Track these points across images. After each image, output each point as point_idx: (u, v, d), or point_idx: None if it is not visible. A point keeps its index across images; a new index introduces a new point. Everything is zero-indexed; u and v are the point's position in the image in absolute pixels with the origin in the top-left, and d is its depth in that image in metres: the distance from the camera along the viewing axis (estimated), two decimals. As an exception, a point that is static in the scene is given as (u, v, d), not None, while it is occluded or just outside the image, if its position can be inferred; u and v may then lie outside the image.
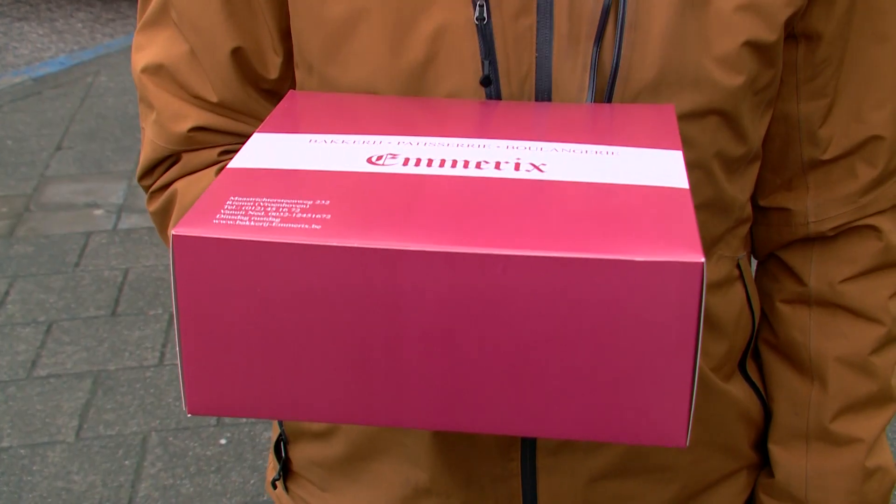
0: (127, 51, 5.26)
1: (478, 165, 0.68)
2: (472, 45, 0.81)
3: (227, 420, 2.61)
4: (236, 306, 0.60)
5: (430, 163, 0.69)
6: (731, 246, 0.95)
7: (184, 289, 0.59)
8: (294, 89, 0.89)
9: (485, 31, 0.80)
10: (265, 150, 0.71)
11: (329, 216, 0.60)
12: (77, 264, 3.37)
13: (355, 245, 0.57)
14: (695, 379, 0.59)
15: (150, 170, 0.93)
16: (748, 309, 1.00)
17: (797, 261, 0.99)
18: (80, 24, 6.11)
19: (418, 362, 0.59)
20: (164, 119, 0.91)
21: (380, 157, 0.70)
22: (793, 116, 0.93)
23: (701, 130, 0.83)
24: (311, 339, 0.60)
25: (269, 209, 0.61)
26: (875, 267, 0.97)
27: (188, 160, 0.92)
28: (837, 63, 0.91)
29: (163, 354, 2.90)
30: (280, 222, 0.59)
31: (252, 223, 0.59)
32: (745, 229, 0.98)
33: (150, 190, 0.94)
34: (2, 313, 3.08)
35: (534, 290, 0.57)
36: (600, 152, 0.71)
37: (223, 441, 2.53)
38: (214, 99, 0.90)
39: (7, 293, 3.19)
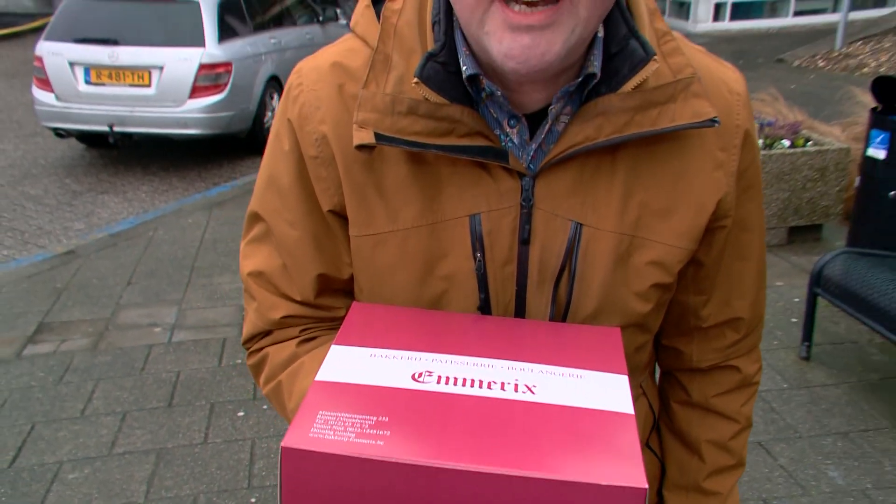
0: (182, 212, 5.35)
1: (489, 385, 0.71)
2: (472, 284, 0.84)
3: (255, 482, 2.61)
4: (322, 495, 0.63)
5: (455, 381, 0.71)
6: (635, 378, 0.97)
7: (287, 480, 0.63)
8: (355, 302, 0.90)
9: (481, 276, 0.84)
10: (341, 364, 0.73)
11: (388, 433, 0.63)
12: (143, 369, 3.32)
13: (407, 462, 0.61)
14: None
15: (250, 339, 0.94)
16: (651, 412, 1.06)
17: (685, 380, 1.05)
18: (143, 194, 6.13)
19: None
20: (262, 308, 0.92)
21: (420, 374, 0.72)
22: (685, 302, 0.97)
23: (626, 335, 0.87)
24: None
25: (346, 424, 0.64)
26: (735, 388, 1.03)
27: (277, 335, 0.93)
28: (714, 275, 0.95)
29: (206, 435, 2.85)
30: (355, 437, 0.63)
31: (336, 437, 0.63)
32: (644, 363, 1.01)
33: (249, 350, 0.96)
34: (90, 406, 3.06)
35: (526, 495, 0.61)
36: (573, 375, 0.74)
37: (253, 500, 2.53)
38: (299, 299, 0.90)
39: (93, 391, 3.17)
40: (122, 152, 7.23)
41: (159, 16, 6.48)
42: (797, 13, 13.95)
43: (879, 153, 3.58)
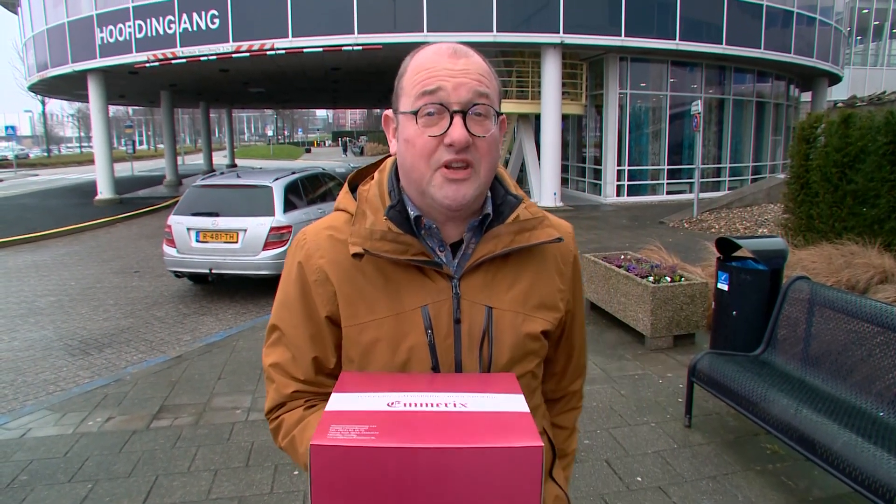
0: (255, 328, 5.33)
1: (436, 405, 0.73)
2: (426, 352, 0.86)
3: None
4: (339, 472, 0.65)
5: (415, 405, 0.73)
6: (536, 420, 0.95)
7: (314, 465, 0.65)
8: (343, 371, 0.91)
9: (432, 347, 0.86)
10: (341, 402, 0.75)
11: (378, 433, 0.66)
12: (228, 439, 3.30)
13: (389, 446, 0.65)
14: None
15: (270, 411, 0.95)
16: (551, 448, 1.02)
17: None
18: (230, 316, 6.15)
19: (424, 488, 0.65)
20: (279, 387, 0.93)
21: (393, 403, 0.73)
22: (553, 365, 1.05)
23: (524, 380, 0.91)
24: (377, 485, 0.65)
25: (349, 430, 0.67)
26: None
27: (290, 405, 0.93)
28: (571, 343, 1.04)
29: (272, 487, 2.79)
30: (356, 436, 0.66)
31: (344, 437, 0.66)
32: (540, 406, 1.00)
33: (271, 419, 0.95)
34: (193, 465, 3.03)
35: (467, 460, 0.64)
36: (489, 396, 0.75)
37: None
38: (302, 378, 0.92)
39: (196, 454, 3.15)
40: (216, 287, 7.33)
41: (245, 196, 6.69)
42: (668, 192, 14.53)
43: (724, 286, 3.68)
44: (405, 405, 0.73)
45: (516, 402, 0.74)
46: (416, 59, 0.85)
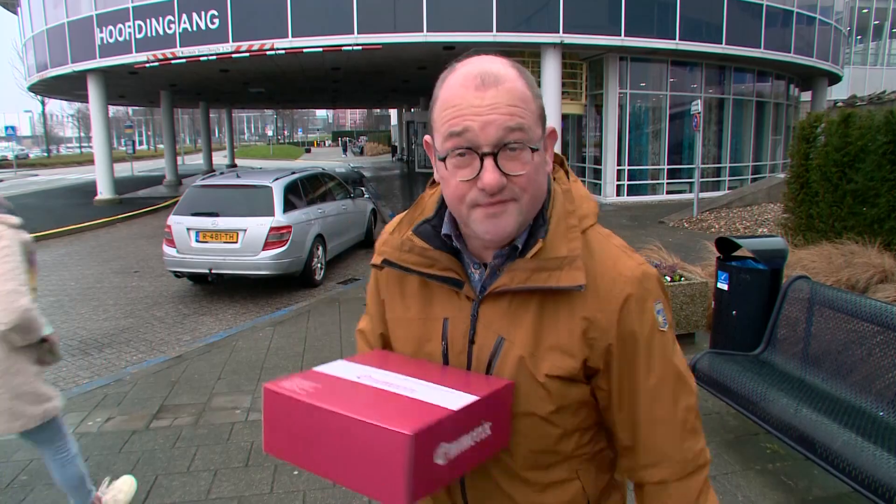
0: (255, 328, 5.31)
1: (392, 386, 0.76)
2: (440, 361, 0.90)
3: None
4: (275, 414, 0.74)
5: (378, 382, 0.77)
6: (566, 464, 0.90)
7: (264, 404, 0.75)
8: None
9: (445, 357, 0.89)
10: (332, 367, 0.81)
11: (313, 391, 0.73)
12: (228, 439, 3.26)
13: (304, 401, 0.72)
14: (408, 484, 0.65)
15: None
16: (584, 495, 0.91)
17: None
18: (230, 316, 6.15)
19: (323, 442, 0.70)
20: (359, 349, 1.06)
21: (361, 377, 0.78)
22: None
23: (530, 421, 0.85)
24: (298, 430, 0.72)
25: (301, 385, 0.75)
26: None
27: None
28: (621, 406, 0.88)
29: (272, 487, 2.79)
30: (298, 389, 0.74)
31: (289, 387, 0.74)
32: (573, 453, 0.89)
33: None
34: (193, 465, 3.04)
35: (343, 423, 0.68)
36: (447, 391, 0.75)
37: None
38: (374, 347, 1.03)
39: (195, 454, 3.16)
40: (216, 287, 7.32)
41: (245, 196, 6.71)
42: (668, 192, 14.51)
43: (724, 286, 3.68)
44: (369, 380, 0.77)
45: (456, 401, 0.73)
46: (445, 89, 0.80)
